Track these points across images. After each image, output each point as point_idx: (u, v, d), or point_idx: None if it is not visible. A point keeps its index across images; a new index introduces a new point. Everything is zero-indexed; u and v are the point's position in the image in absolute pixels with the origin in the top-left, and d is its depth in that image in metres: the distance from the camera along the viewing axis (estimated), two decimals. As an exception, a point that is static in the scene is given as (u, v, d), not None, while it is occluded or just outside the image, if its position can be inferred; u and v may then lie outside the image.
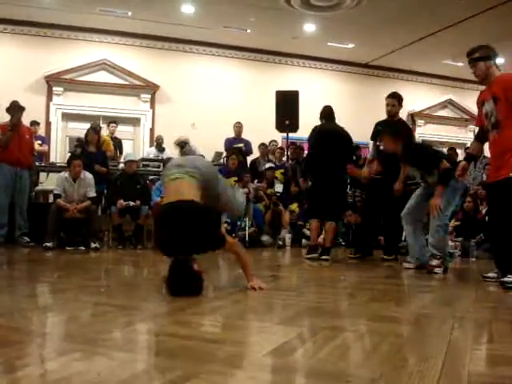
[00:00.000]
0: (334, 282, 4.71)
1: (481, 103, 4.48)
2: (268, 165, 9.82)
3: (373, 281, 4.66)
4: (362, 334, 2.56)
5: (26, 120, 8.36)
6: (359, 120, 11.74)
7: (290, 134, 10.23)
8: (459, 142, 14.41)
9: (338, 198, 6.40)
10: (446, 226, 5.31)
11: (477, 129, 4.82)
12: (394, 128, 5.67)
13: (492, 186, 4.39)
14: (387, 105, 6.42)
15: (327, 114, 6.70)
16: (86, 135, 8.40)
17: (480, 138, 4.71)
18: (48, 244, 6.94)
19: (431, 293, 4.07)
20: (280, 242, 8.44)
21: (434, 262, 5.09)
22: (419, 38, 11.77)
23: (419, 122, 14.48)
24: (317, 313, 2.97)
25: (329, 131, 6.48)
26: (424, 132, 14.40)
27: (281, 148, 10.55)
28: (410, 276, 5.14)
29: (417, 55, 12.75)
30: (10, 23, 11.45)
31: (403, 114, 8.62)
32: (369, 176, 6.37)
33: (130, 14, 11.17)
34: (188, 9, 10.92)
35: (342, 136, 6.48)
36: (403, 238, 6.73)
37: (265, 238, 8.46)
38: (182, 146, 8.56)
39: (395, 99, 6.38)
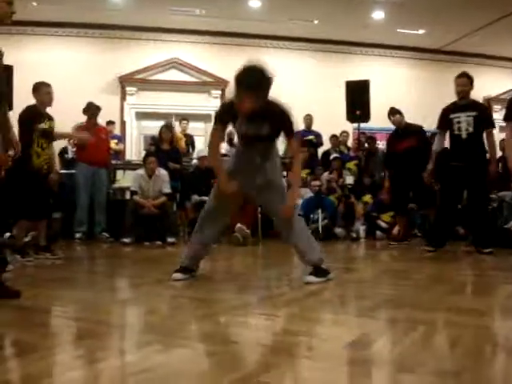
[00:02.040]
0: (409, 273, 4.61)
1: None
2: (334, 155, 9.72)
3: (451, 272, 4.53)
4: (442, 327, 2.50)
5: (101, 120, 8.61)
6: (431, 107, 11.43)
7: (362, 124, 10.08)
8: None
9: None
10: None
11: None
12: None
13: None
14: (458, 85, 5.92)
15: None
16: (160, 133, 8.57)
17: None
18: (126, 239, 7.14)
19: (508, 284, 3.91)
20: (354, 235, 8.34)
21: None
22: (491, 20, 11.30)
23: (496, 107, 13.90)
24: (394, 305, 2.92)
25: None
26: (501, 117, 13.83)
27: (357, 139, 10.38)
28: (490, 267, 4.96)
29: (490, 39, 12.25)
30: (83, 27, 11.82)
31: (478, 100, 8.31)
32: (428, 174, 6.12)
33: (197, 11, 11.30)
34: (255, 3, 10.95)
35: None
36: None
37: (338, 230, 8.37)
38: None
39: (466, 78, 5.91)
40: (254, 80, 3.49)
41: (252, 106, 3.40)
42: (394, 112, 7.25)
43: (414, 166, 6.66)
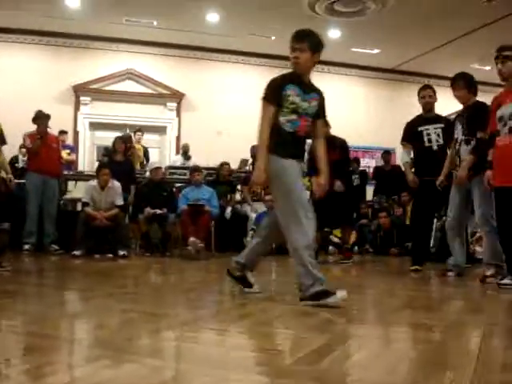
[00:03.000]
0: (361, 288, 4.67)
1: (497, 106, 4.36)
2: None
3: (401, 287, 4.61)
4: (391, 342, 2.53)
5: (54, 129, 8.48)
6: (386, 126, 11.66)
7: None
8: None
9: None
10: (494, 228, 4.73)
11: None
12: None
13: (505, 190, 4.24)
14: (423, 97, 5.87)
15: None
16: (114, 144, 8.48)
17: (487, 146, 4.51)
18: (76, 252, 7.01)
19: (461, 299, 4.01)
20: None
21: (489, 272, 4.75)
22: (445, 42, 11.65)
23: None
24: (345, 319, 2.94)
25: None
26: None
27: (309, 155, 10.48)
28: (439, 283, 5.07)
29: (443, 60, 12.60)
30: (37, 34, 11.64)
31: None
32: (415, 181, 5.85)
33: (155, 23, 11.27)
34: (213, 17, 10.98)
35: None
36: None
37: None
38: None
39: (431, 89, 5.91)
40: (302, 31, 3.79)
41: (298, 57, 3.65)
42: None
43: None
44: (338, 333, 2.57)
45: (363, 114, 12.70)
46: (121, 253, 7.13)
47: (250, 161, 10.25)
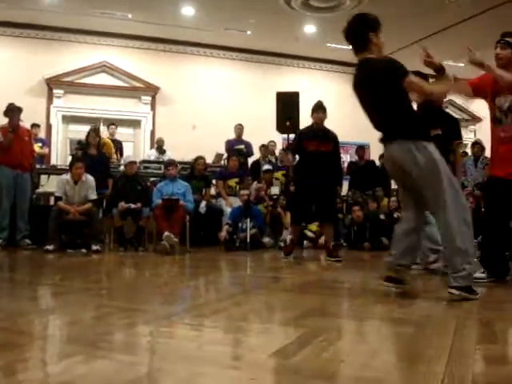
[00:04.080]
0: (336, 283, 4.70)
1: (495, 90, 4.28)
2: (266, 167, 9.81)
3: (375, 282, 4.64)
4: (365, 335, 2.55)
5: (26, 123, 8.36)
6: (360, 121, 11.72)
7: (291, 135, 10.22)
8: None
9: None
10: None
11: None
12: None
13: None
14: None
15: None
16: (87, 137, 8.39)
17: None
18: (49, 247, 6.92)
19: (432, 293, 4.05)
20: (281, 244, 8.42)
21: (431, 258, 4.98)
22: (418, 39, 11.74)
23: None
24: (320, 314, 2.96)
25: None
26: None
27: (283, 149, 10.54)
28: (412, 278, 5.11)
29: (417, 56, 12.72)
30: (9, 26, 11.44)
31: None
32: None
33: (130, 16, 11.17)
34: (188, 11, 10.92)
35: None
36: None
37: (266, 239, 8.44)
38: None
39: None
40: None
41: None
42: (320, 107, 6.72)
43: (323, 174, 6.40)
44: (312, 326, 2.58)
45: (337, 109, 12.77)
46: (94, 248, 7.06)
47: (225, 155, 10.23)
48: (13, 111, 7.48)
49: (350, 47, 3.81)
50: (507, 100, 4.22)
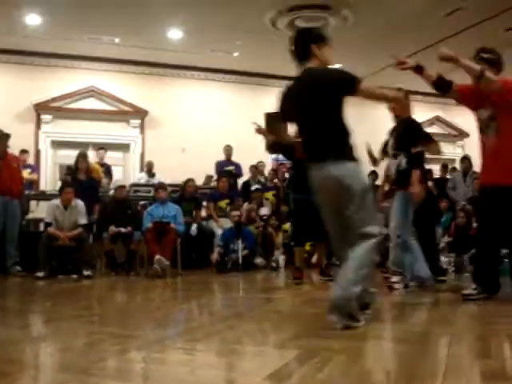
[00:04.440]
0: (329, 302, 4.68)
1: (476, 103, 4.35)
2: (255, 187, 9.82)
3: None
4: (359, 355, 2.53)
5: (14, 148, 8.32)
6: (355, 141, 11.74)
7: (281, 156, 10.26)
8: (448, 158, 14.47)
9: None
10: (406, 243, 5.04)
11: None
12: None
13: (500, 190, 4.17)
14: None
15: None
16: (76, 163, 8.37)
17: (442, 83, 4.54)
18: (40, 273, 6.85)
19: (426, 310, 4.05)
20: (273, 264, 8.40)
21: (394, 279, 5.04)
22: (406, 55, 11.86)
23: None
24: (313, 334, 2.94)
25: None
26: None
27: (273, 169, 10.57)
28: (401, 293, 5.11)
29: (404, 73, 12.83)
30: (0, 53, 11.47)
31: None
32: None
33: (117, 40, 11.21)
34: (175, 34, 10.98)
35: None
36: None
37: (258, 260, 8.40)
38: None
39: None
40: None
41: None
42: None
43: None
44: (306, 347, 2.56)
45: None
46: (85, 273, 7.00)
47: (215, 177, 10.23)
48: (0, 138, 7.45)
49: (337, 66, 3.77)
50: (487, 111, 4.28)
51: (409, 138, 5.13)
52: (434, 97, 14.70)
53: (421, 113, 14.96)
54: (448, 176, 10.74)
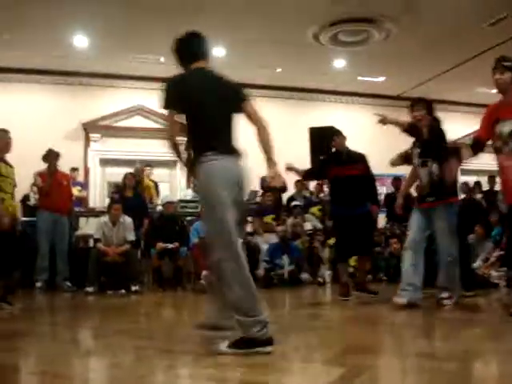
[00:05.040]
0: (374, 318, 4.61)
1: (494, 119, 4.21)
2: (294, 203, 9.78)
3: (412, 315, 4.54)
4: (408, 373, 2.48)
5: (65, 167, 8.53)
6: (394, 152, 11.63)
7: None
8: (493, 169, 14.15)
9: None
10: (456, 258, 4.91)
11: None
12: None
13: None
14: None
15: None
16: (124, 180, 8.53)
17: (475, 149, 4.46)
18: (89, 289, 6.98)
19: (474, 327, 3.93)
20: (320, 280, 8.34)
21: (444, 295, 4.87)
22: (450, 67, 11.70)
23: (456, 151, 14.30)
24: (360, 351, 2.90)
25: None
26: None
27: (318, 184, 10.52)
28: (449, 309, 4.99)
29: (449, 84, 12.64)
30: (46, 74, 11.77)
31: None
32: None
33: (162, 59, 11.41)
34: (220, 51, 11.10)
35: None
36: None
37: (304, 275, 8.34)
38: None
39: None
40: None
41: None
42: (337, 133, 6.57)
43: (355, 200, 6.12)
44: (354, 364, 2.53)
45: (371, 141, 12.69)
46: (133, 288, 7.10)
47: (260, 192, 10.26)
48: (51, 157, 7.67)
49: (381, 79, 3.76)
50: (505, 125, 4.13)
51: (438, 144, 4.96)
52: (480, 107, 14.46)
53: (468, 124, 14.72)
54: (497, 188, 10.48)
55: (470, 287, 5.68)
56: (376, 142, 11.40)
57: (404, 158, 5.69)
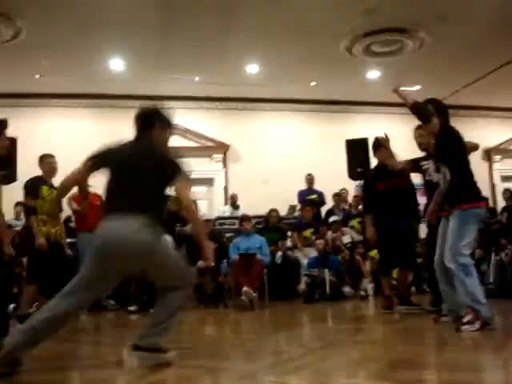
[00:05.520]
0: (421, 332, 4.52)
1: None
2: (332, 219, 9.71)
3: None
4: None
5: (98, 188, 8.66)
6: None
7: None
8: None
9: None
10: (468, 267, 4.16)
11: None
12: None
13: None
14: (416, 138, 5.74)
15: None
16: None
17: None
18: (131, 308, 7.05)
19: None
20: (362, 293, 8.24)
21: (464, 319, 4.02)
22: (486, 73, 11.53)
23: (496, 157, 14.01)
24: (407, 366, 2.84)
25: None
26: (502, 167, 13.95)
27: (356, 196, 10.44)
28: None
29: (485, 90, 12.45)
30: (84, 97, 12.00)
31: (479, 152, 8.33)
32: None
33: (197, 79, 11.54)
34: (253, 68, 11.17)
35: None
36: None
37: (346, 289, 8.26)
38: None
39: (420, 130, 5.60)
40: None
41: None
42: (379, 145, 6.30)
43: (398, 213, 6.03)
44: (401, 379, 2.48)
45: (407, 151, 12.59)
46: (175, 306, 7.12)
47: (299, 206, 10.24)
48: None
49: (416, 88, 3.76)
50: None
51: (449, 147, 4.57)
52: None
53: (507, 129, 14.46)
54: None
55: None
56: (411, 150, 11.26)
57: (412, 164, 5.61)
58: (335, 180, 10.69)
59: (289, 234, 9.29)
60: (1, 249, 4.99)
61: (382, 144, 5.76)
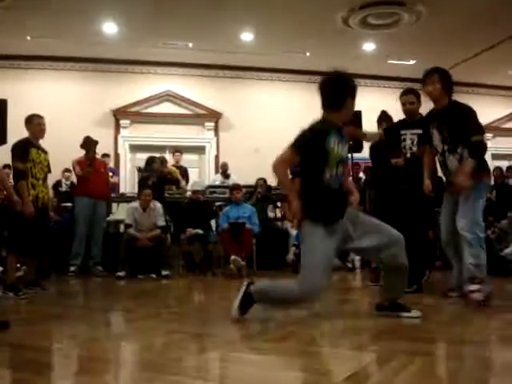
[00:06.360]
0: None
1: None
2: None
3: (448, 302, 4.49)
4: (440, 358, 2.47)
5: (97, 153, 8.64)
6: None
7: (355, 155, 10.13)
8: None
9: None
10: (482, 240, 4.23)
11: None
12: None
13: None
14: (403, 104, 5.49)
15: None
16: (151, 164, 8.68)
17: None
18: (120, 273, 7.07)
19: (504, 313, 3.87)
20: (349, 265, 8.31)
21: (472, 287, 4.06)
22: (481, 50, 11.49)
23: (487, 135, 14.04)
24: (391, 336, 2.88)
25: None
26: (493, 145, 14.01)
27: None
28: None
29: (480, 68, 12.42)
30: (76, 61, 11.90)
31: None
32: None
33: (190, 45, 11.42)
34: (247, 36, 11.06)
35: None
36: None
37: (334, 260, 8.32)
38: None
39: (413, 95, 5.44)
40: None
41: None
42: (386, 118, 6.36)
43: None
44: (384, 350, 2.52)
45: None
46: (164, 273, 7.17)
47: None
48: (90, 144, 7.73)
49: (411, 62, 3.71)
50: None
51: (466, 126, 4.32)
52: (508, 90, 14.21)
53: (500, 107, 14.46)
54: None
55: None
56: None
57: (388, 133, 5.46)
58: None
59: (278, 204, 9.31)
60: (10, 200, 4.98)
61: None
